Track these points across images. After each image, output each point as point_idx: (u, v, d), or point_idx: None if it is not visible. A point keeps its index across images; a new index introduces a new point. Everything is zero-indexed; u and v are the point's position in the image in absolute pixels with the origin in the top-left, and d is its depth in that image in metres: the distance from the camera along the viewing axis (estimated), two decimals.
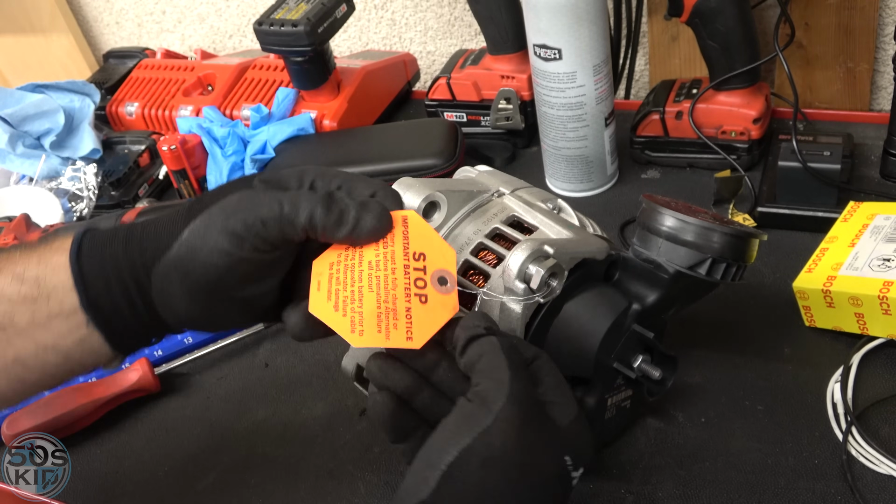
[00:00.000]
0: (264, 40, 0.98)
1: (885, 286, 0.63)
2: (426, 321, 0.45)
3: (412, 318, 0.45)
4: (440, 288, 0.47)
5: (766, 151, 0.90)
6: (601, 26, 0.82)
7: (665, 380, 0.57)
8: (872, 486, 0.58)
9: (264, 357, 0.79)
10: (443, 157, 0.92)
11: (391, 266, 0.46)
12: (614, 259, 0.58)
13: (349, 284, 0.46)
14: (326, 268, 0.47)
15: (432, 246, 0.48)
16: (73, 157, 1.08)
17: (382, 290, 0.46)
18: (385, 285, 0.46)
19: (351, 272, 0.46)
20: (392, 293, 0.46)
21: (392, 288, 0.46)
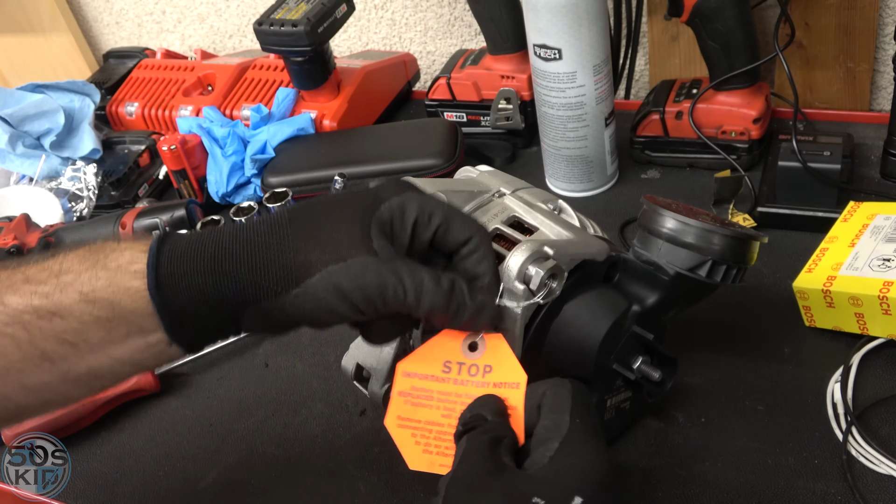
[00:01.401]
0: (264, 40, 0.98)
1: (885, 286, 0.63)
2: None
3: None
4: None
5: (766, 151, 0.90)
6: (601, 26, 0.82)
7: (665, 381, 0.58)
8: (872, 486, 0.58)
9: (264, 357, 0.79)
10: (443, 157, 0.92)
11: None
12: (614, 260, 0.58)
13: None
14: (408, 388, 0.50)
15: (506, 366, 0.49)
16: (73, 157, 1.08)
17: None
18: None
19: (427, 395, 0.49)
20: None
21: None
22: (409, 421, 0.49)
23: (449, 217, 0.48)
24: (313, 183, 0.92)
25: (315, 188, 0.91)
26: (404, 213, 0.47)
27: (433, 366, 0.49)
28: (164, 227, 0.89)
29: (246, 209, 0.86)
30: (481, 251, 0.48)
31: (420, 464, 0.48)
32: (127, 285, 0.45)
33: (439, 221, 0.48)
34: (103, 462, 0.72)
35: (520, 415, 0.46)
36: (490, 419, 0.46)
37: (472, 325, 0.48)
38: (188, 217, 0.90)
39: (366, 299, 0.45)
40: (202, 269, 0.45)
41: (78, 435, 0.73)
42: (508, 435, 0.45)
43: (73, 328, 0.46)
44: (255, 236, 0.46)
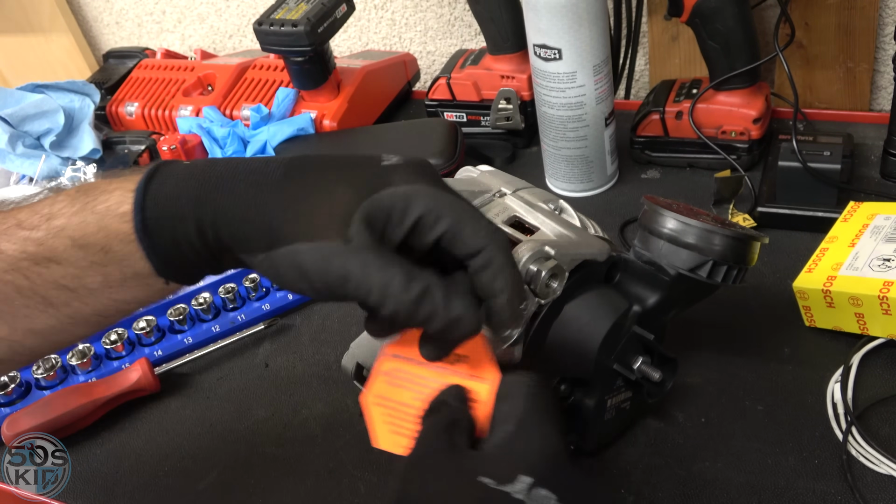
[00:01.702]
0: (264, 40, 0.98)
1: (885, 286, 0.63)
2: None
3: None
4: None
5: (766, 151, 0.90)
6: (601, 26, 0.82)
7: (665, 382, 0.58)
8: (872, 486, 0.58)
9: (264, 357, 0.79)
10: (443, 157, 0.92)
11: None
12: (615, 260, 0.58)
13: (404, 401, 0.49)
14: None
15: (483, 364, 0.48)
16: (73, 157, 1.08)
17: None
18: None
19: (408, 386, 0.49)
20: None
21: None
22: (385, 400, 0.49)
23: (460, 222, 0.43)
24: None
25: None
26: (407, 208, 0.43)
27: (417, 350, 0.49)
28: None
29: None
30: (496, 265, 0.43)
31: (385, 443, 0.49)
32: (116, 229, 0.45)
33: (446, 227, 0.43)
34: (103, 462, 0.72)
35: (486, 409, 0.46)
36: (451, 404, 0.46)
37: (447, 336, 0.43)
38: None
39: (327, 286, 0.42)
40: (184, 214, 0.44)
41: (78, 435, 0.73)
42: (466, 419, 0.45)
43: (70, 273, 0.46)
44: (242, 187, 0.44)
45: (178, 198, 0.45)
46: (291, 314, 0.84)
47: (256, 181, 0.44)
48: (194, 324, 0.82)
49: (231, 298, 0.82)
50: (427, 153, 0.92)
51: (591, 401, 0.59)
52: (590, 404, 0.59)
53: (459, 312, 0.42)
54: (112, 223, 0.45)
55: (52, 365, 0.77)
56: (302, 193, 0.44)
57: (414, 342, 0.49)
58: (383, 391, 0.49)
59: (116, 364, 0.79)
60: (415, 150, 0.93)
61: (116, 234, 0.45)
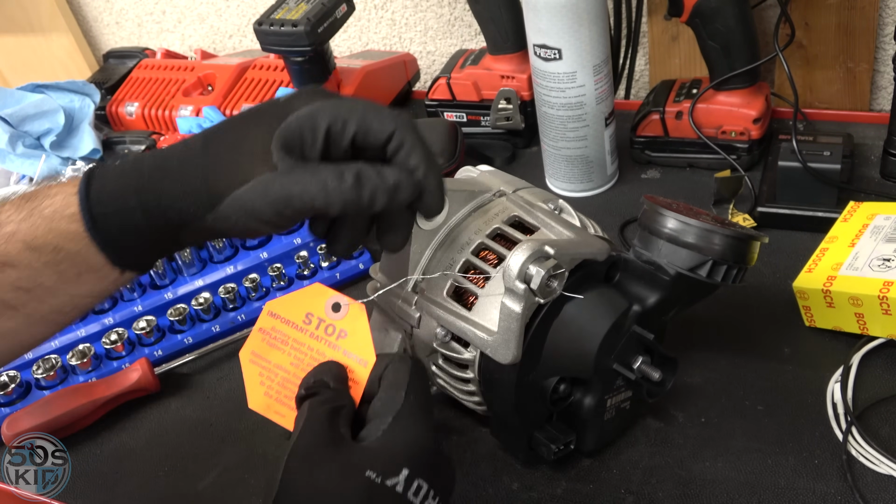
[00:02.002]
0: (264, 40, 0.98)
1: (885, 286, 0.63)
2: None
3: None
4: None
5: (766, 151, 0.90)
6: (601, 26, 0.82)
7: (665, 381, 0.58)
8: (872, 486, 0.58)
9: None
10: (443, 157, 0.92)
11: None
12: (615, 260, 0.58)
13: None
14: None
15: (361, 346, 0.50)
16: (73, 157, 1.08)
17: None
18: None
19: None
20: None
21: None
22: (260, 359, 0.51)
23: (366, 118, 0.46)
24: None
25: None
26: (315, 123, 0.46)
27: (296, 313, 0.50)
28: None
29: None
30: (408, 143, 0.47)
31: (259, 405, 0.51)
32: (66, 229, 0.47)
33: (356, 126, 0.46)
34: (103, 462, 0.72)
35: (360, 389, 0.48)
36: (332, 386, 0.47)
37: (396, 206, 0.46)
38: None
39: (276, 213, 0.45)
40: (130, 205, 0.47)
41: (78, 435, 0.73)
42: (347, 405, 0.47)
43: (25, 276, 0.48)
44: (174, 164, 0.47)
45: (121, 192, 0.47)
46: None
47: (183, 157, 0.48)
48: (194, 324, 0.82)
49: (231, 298, 0.82)
50: None
51: (591, 401, 0.59)
52: (590, 404, 0.59)
53: (396, 178, 0.45)
54: (61, 224, 0.47)
55: (52, 365, 0.77)
56: (223, 150, 0.47)
57: (292, 304, 0.50)
58: (259, 349, 0.51)
59: (116, 364, 0.79)
60: None
61: (66, 233, 0.47)
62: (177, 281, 0.85)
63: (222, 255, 0.86)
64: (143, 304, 0.83)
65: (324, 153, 0.47)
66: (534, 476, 0.63)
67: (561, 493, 0.62)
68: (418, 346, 0.61)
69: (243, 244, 0.87)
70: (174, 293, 0.84)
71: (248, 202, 0.46)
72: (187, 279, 0.85)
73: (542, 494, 0.62)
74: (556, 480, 0.62)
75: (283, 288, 0.84)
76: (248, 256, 0.85)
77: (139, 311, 0.83)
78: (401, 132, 0.47)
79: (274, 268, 0.84)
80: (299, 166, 0.45)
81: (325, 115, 0.46)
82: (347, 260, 0.85)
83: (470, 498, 0.63)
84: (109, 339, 0.80)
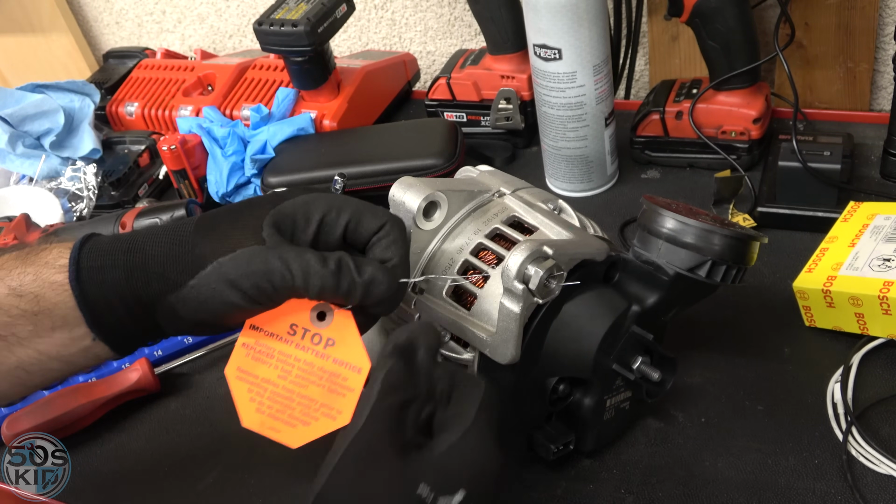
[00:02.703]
0: (264, 40, 0.98)
1: (885, 286, 0.63)
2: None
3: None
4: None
5: (766, 151, 0.90)
6: (601, 26, 0.82)
7: (664, 381, 0.58)
8: (872, 486, 0.58)
9: None
10: (443, 157, 0.92)
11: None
12: (614, 260, 0.58)
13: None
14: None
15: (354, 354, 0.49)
16: (73, 157, 1.08)
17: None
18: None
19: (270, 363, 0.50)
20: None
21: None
22: (247, 375, 0.50)
23: (360, 211, 0.48)
24: (313, 183, 0.92)
25: (315, 188, 0.91)
26: (309, 210, 0.48)
27: (280, 325, 0.49)
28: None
29: None
30: (391, 237, 0.49)
31: (252, 422, 0.49)
32: (52, 279, 0.48)
33: (349, 217, 0.48)
34: (103, 462, 0.72)
35: (355, 397, 0.47)
36: (418, 359, 0.46)
37: (368, 302, 0.47)
38: (188, 217, 0.90)
39: (255, 286, 0.46)
40: (116, 262, 0.48)
41: (78, 435, 0.73)
42: (420, 396, 0.45)
43: (2, 322, 0.48)
44: (164, 233, 0.49)
45: (111, 250, 0.48)
46: None
47: (173, 229, 0.49)
48: None
49: None
50: (427, 153, 0.92)
51: (591, 401, 0.59)
52: (589, 404, 0.59)
53: (372, 274, 0.47)
54: (48, 274, 0.48)
55: None
56: (215, 226, 0.48)
57: (275, 317, 0.49)
58: (244, 364, 0.49)
59: (116, 364, 0.79)
60: (415, 150, 0.93)
61: (51, 283, 0.48)
62: None
63: None
64: None
65: (313, 241, 0.48)
66: (534, 476, 0.63)
67: (561, 493, 0.62)
68: None
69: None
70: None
71: (231, 271, 0.46)
72: None
73: (542, 494, 0.62)
74: (556, 480, 0.62)
75: None
76: None
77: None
78: (390, 226, 0.49)
79: None
80: (287, 245, 0.46)
81: (320, 205, 0.48)
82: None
83: None
84: None
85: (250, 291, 0.46)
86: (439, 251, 0.58)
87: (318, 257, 0.46)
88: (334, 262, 0.46)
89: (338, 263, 0.46)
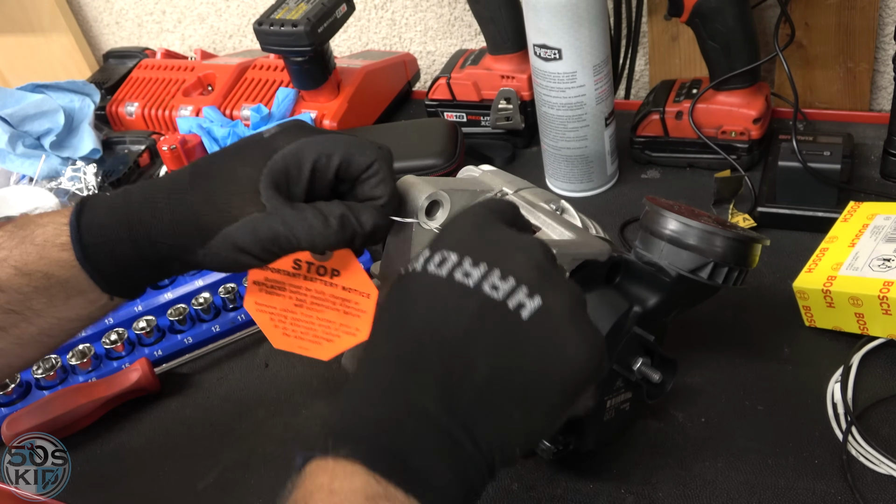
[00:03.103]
0: (264, 40, 0.98)
1: (885, 286, 0.63)
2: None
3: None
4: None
5: (766, 151, 0.90)
6: (601, 26, 0.82)
7: (665, 383, 0.57)
8: (872, 486, 0.58)
9: (264, 357, 0.79)
10: (443, 157, 0.92)
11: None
12: (616, 261, 0.58)
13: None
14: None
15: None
16: (73, 157, 1.08)
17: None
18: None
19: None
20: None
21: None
22: (265, 306, 0.53)
23: (349, 150, 0.49)
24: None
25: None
26: (300, 160, 0.49)
27: (283, 262, 0.52)
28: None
29: None
30: (380, 175, 0.50)
31: (282, 344, 0.53)
32: (56, 257, 0.50)
33: (339, 160, 0.49)
34: (103, 462, 0.72)
35: (369, 318, 0.51)
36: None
37: (371, 243, 0.51)
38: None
39: (264, 250, 0.48)
40: (120, 237, 0.49)
41: (78, 435, 0.73)
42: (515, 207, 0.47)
43: (15, 299, 0.50)
44: (162, 198, 0.50)
45: (111, 224, 0.50)
46: None
47: (171, 192, 0.50)
48: (194, 324, 0.82)
49: (231, 298, 0.82)
50: (427, 153, 0.92)
51: (591, 401, 0.59)
52: (589, 405, 0.59)
53: (374, 224, 0.49)
54: (52, 252, 0.50)
55: (52, 365, 0.77)
56: (211, 186, 0.49)
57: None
58: (262, 299, 0.53)
59: (116, 364, 0.79)
60: (415, 150, 0.93)
61: (57, 261, 0.50)
62: (177, 281, 0.85)
63: None
64: (143, 304, 0.83)
65: (309, 186, 0.50)
66: (534, 476, 0.63)
67: (561, 493, 0.62)
68: None
69: None
70: (174, 293, 0.84)
71: (239, 240, 0.48)
72: (187, 279, 0.85)
73: (542, 494, 0.62)
74: (556, 480, 0.62)
75: None
76: None
77: (139, 311, 0.83)
78: (378, 164, 0.50)
79: None
80: (287, 206, 0.48)
81: (310, 152, 0.49)
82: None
83: None
84: (109, 339, 0.80)
85: (260, 255, 0.48)
86: None
87: (320, 218, 0.48)
88: (336, 219, 0.48)
89: (340, 221, 0.48)
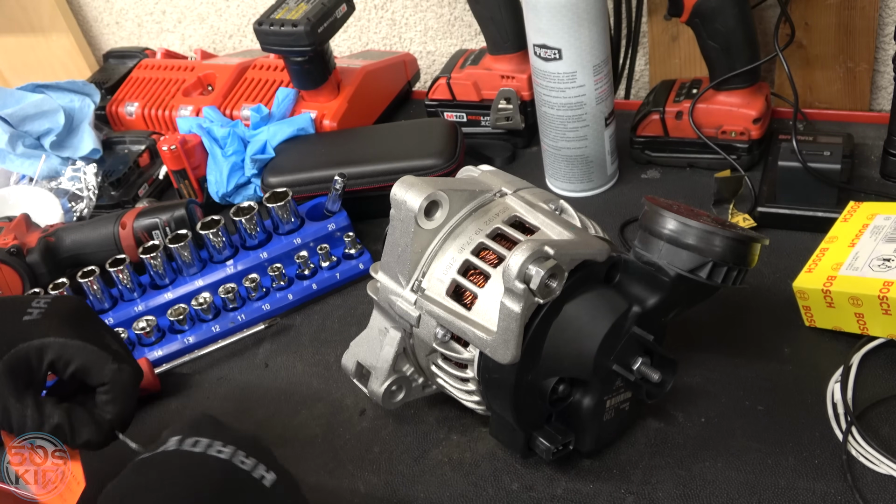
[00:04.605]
0: (264, 40, 0.98)
1: (885, 286, 0.63)
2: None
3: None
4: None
5: (766, 151, 0.90)
6: (601, 26, 0.82)
7: (664, 383, 0.57)
8: (872, 486, 0.58)
9: (264, 357, 0.79)
10: (443, 157, 0.92)
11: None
12: (615, 261, 0.58)
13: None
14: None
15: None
16: (73, 157, 1.08)
17: None
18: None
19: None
20: None
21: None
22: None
23: (86, 366, 0.57)
24: (313, 183, 0.92)
25: (315, 188, 0.91)
26: (41, 357, 0.56)
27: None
28: (164, 226, 0.89)
29: (246, 209, 0.86)
30: (110, 395, 0.58)
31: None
32: None
33: (75, 368, 0.57)
34: (103, 462, 0.71)
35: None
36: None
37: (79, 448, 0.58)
38: (188, 217, 0.90)
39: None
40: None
41: None
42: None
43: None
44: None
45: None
46: (291, 314, 0.84)
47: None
48: (194, 324, 0.82)
49: (231, 298, 0.82)
50: (427, 153, 0.92)
51: (590, 401, 0.59)
52: (589, 405, 0.59)
53: (86, 440, 0.58)
54: None
55: None
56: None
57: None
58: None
59: None
60: (415, 150, 0.93)
61: None
62: (177, 281, 0.85)
63: (222, 255, 0.86)
64: (143, 304, 0.83)
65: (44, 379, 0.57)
66: (534, 476, 0.63)
67: (561, 493, 0.62)
68: (418, 346, 0.61)
69: (243, 244, 0.87)
70: (174, 293, 0.84)
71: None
72: (187, 279, 0.85)
73: (542, 494, 0.62)
74: (556, 480, 0.62)
75: (283, 288, 0.84)
76: (248, 256, 0.85)
77: (139, 311, 0.83)
78: (111, 385, 0.57)
79: (274, 268, 0.84)
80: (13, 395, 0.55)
81: (50, 353, 0.56)
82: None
83: (470, 498, 0.63)
84: None
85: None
86: (440, 250, 0.58)
87: (37, 420, 0.56)
88: (50, 427, 0.56)
89: (53, 429, 0.56)
